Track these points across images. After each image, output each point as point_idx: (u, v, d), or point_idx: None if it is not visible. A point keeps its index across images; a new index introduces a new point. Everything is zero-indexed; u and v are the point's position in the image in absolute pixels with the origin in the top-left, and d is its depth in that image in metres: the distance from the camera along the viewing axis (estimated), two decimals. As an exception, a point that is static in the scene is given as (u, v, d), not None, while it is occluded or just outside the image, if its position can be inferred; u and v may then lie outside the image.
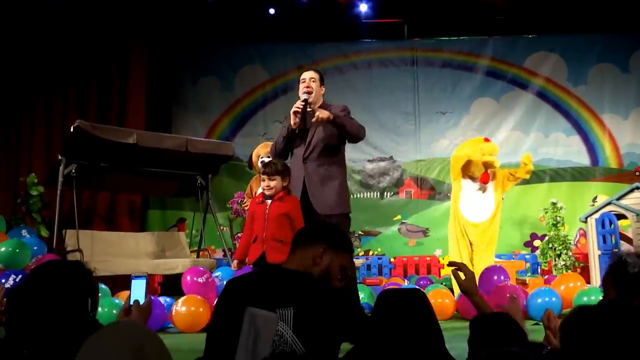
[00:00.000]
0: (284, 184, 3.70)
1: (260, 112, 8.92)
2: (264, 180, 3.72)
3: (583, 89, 8.61)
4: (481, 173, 5.66)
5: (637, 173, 8.26)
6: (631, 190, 6.20)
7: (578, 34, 8.51)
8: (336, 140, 3.94)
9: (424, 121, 8.66)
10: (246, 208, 5.91)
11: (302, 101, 3.85)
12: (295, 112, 3.83)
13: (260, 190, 3.83)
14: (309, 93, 3.91)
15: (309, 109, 3.85)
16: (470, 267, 5.70)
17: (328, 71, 8.86)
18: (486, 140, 5.95)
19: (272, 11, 8.33)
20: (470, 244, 5.55)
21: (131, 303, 1.96)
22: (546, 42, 8.68)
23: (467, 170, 5.66)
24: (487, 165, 5.62)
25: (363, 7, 8.31)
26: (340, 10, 8.31)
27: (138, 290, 2.02)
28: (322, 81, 4.11)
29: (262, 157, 5.84)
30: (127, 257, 5.91)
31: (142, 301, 1.97)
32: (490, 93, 8.73)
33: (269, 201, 3.66)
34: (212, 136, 8.56)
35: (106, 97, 7.89)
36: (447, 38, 8.82)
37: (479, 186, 5.68)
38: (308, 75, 4.06)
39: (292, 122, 3.83)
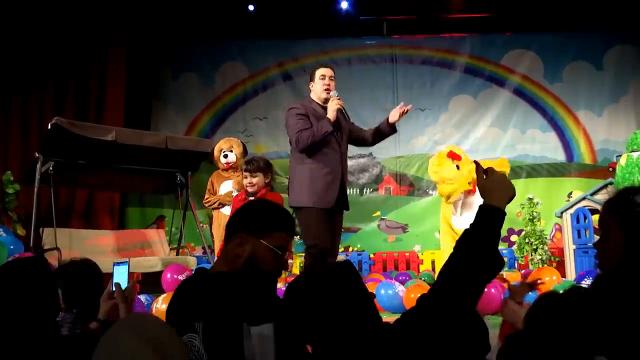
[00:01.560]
0: (266, 180, 3.72)
1: (240, 109, 8.91)
2: (246, 177, 3.74)
3: (559, 87, 8.76)
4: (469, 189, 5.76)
5: (611, 169, 8.42)
6: (605, 186, 6.33)
7: (554, 32, 8.65)
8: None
9: (403, 118, 8.69)
10: (207, 204, 5.89)
11: (338, 97, 3.97)
12: (341, 110, 4.02)
13: (222, 188, 3.82)
14: (330, 90, 4.04)
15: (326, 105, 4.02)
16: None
17: (308, 68, 8.90)
18: (453, 155, 5.89)
19: (251, 7, 8.31)
20: None
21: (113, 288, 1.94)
22: (523, 40, 8.80)
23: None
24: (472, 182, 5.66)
25: (344, 5, 8.34)
26: (321, 7, 8.32)
27: (120, 277, 2.03)
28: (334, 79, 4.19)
29: (224, 151, 5.86)
30: (105, 255, 5.86)
31: (124, 287, 1.97)
32: (469, 90, 8.84)
33: (252, 198, 3.65)
34: (192, 133, 8.53)
35: (84, 93, 7.80)
36: (426, 36, 8.89)
37: (467, 198, 5.81)
38: (328, 72, 4.10)
39: (332, 117, 3.91)
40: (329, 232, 3.83)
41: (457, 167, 5.77)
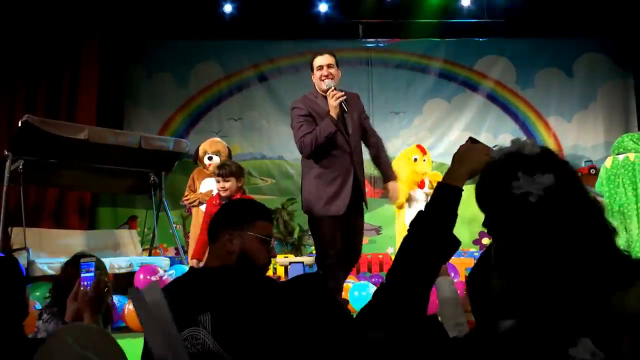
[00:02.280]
0: (239, 184, 3.72)
1: (214, 110, 8.86)
2: (218, 182, 3.74)
3: (530, 92, 8.93)
4: (418, 181, 6.28)
5: (579, 174, 8.59)
6: (574, 190, 6.47)
7: (526, 38, 8.81)
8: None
9: (378, 121, 8.77)
10: (187, 202, 5.83)
11: (337, 89, 3.54)
12: (341, 103, 3.52)
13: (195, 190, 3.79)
14: (332, 80, 3.62)
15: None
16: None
17: (283, 69, 8.91)
18: (421, 148, 6.57)
19: (227, 8, 8.27)
20: None
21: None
22: (496, 46, 8.94)
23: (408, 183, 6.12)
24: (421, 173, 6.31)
25: (323, 7, 8.37)
26: (297, 8, 8.33)
27: (87, 275, 1.99)
28: (337, 64, 3.76)
29: (208, 154, 5.80)
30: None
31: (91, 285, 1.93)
32: (443, 94, 8.94)
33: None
34: (166, 132, 8.44)
35: (55, 93, 7.67)
36: (401, 40, 8.96)
37: (420, 193, 6.10)
38: (325, 61, 3.67)
39: (335, 116, 3.51)
40: (341, 239, 3.57)
41: (416, 159, 6.40)
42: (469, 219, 8.55)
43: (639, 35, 8.49)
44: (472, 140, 1.57)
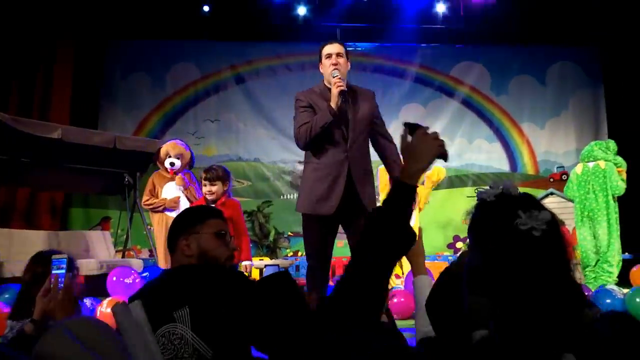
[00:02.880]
0: (225, 188, 3.72)
1: (191, 111, 8.81)
2: (205, 186, 3.74)
3: (505, 99, 9.07)
4: None
5: (551, 179, 8.77)
6: (546, 196, 6.57)
7: (500, 45, 8.94)
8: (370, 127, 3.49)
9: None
10: (148, 206, 5.73)
11: (339, 78, 3.26)
12: (342, 92, 3.25)
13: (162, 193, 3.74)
14: (338, 70, 3.33)
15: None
16: (400, 271, 5.99)
17: (261, 72, 8.90)
18: None
19: (206, 8, 8.24)
20: None
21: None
22: (471, 52, 9.06)
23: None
24: None
25: (301, 10, 8.38)
26: (276, 11, 8.33)
27: (59, 272, 1.97)
28: (347, 54, 3.47)
29: (171, 158, 5.74)
30: (47, 256, 5.65)
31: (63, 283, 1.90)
32: (419, 99, 9.03)
33: (213, 206, 3.66)
34: (141, 133, 8.37)
35: (28, 92, 7.53)
36: (378, 44, 9.03)
37: None
38: (334, 49, 3.39)
39: (335, 106, 3.23)
40: (328, 242, 3.38)
41: None
42: (444, 224, 8.74)
43: (609, 47, 8.68)
44: (409, 126, 1.53)
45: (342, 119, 3.32)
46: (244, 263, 4.11)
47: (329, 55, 3.38)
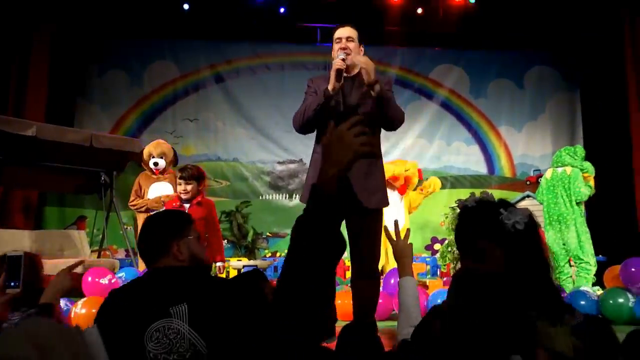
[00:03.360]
0: (200, 187, 3.72)
1: (169, 109, 8.73)
2: (180, 184, 3.75)
3: (483, 102, 9.16)
4: (400, 185, 6.42)
5: (528, 182, 8.88)
6: (523, 198, 6.67)
7: (479, 49, 9.02)
8: (376, 117, 3.13)
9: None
10: (133, 207, 5.68)
11: (342, 59, 3.05)
12: (338, 71, 3.00)
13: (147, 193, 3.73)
14: (347, 54, 3.11)
15: (345, 74, 3.10)
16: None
17: (241, 71, 8.86)
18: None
19: (186, 6, 8.17)
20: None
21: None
22: (451, 55, 9.13)
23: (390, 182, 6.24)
24: (407, 179, 6.40)
25: (281, 10, 8.36)
26: (256, 10, 8.30)
27: (14, 270, 1.95)
28: (360, 39, 3.29)
29: (154, 158, 5.71)
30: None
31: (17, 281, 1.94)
32: (398, 101, 8.81)
33: (187, 205, 3.71)
34: (118, 131, 8.27)
35: (2, 87, 7.36)
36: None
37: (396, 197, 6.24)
38: (345, 32, 3.23)
39: (331, 86, 3.00)
40: None
41: None
42: (422, 225, 8.79)
43: (585, 52, 8.81)
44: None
45: (343, 107, 3.10)
46: (218, 264, 4.10)
47: (339, 40, 3.21)
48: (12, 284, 1.97)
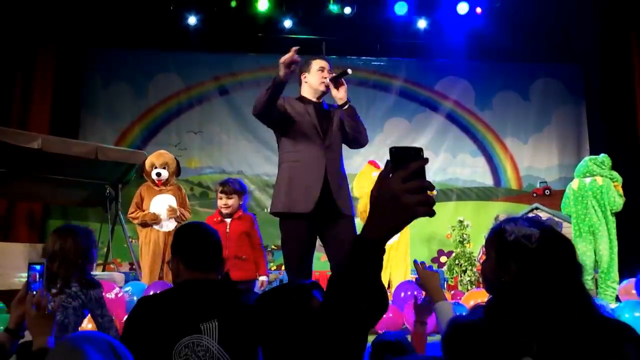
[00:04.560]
0: (240, 202, 3.72)
1: (174, 122, 8.70)
2: (221, 199, 3.77)
3: (488, 114, 9.12)
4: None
5: (535, 194, 8.81)
6: (531, 210, 6.60)
7: (485, 61, 9.01)
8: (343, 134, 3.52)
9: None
10: (133, 220, 5.55)
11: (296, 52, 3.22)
12: (285, 62, 3.20)
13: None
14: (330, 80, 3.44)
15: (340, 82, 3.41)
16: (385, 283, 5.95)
17: (245, 83, 8.84)
18: (374, 164, 6.54)
19: (192, 20, 8.17)
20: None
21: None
22: (456, 67, 9.11)
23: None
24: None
25: (287, 23, 8.37)
26: (261, 23, 8.30)
27: (31, 280, 1.90)
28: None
29: (157, 168, 5.61)
30: (24, 270, 5.49)
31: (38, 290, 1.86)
32: (403, 113, 9.03)
33: (229, 220, 3.73)
34: (123, 144, 8.23)
35: (6, 102, 7.34)
36: (363, 57, 9.03)
37: None
38: (326, 64, 3.56)
39: (281, 73, 3.23)
40: (308, 250, 3.31)
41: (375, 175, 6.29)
42: (428, 237, 8.70)
43: (592, 65, 8.80)
44: (398, 157, 1.07)
45: (323, 117, 3.42)
46: (261, 278, 4.05)
47: (322, 69, 3.52)
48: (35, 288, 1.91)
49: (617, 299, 5.21)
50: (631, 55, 7.58)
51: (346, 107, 3.39)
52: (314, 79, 3.52)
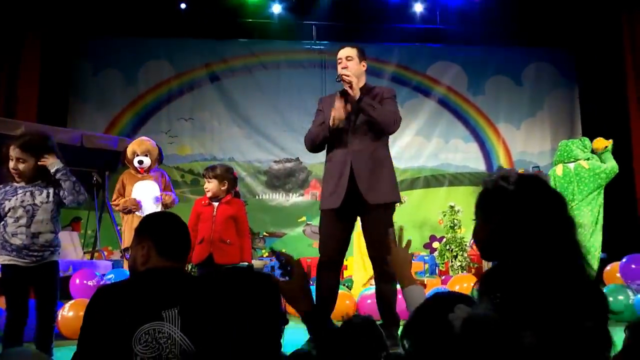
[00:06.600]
0: (222, 187, 3.72)
1: (164, 109, 8.65)
2: (205, 183, 3.80)
3: (481, 99, 9.07)
4: None
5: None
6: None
7: (477, 46, 8.93)
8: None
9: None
10: (115, 207, 5.51)
11: (341, 94, 3.38)
12: (337, 110, 3.33)
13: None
14: (347, 75, 3.41)
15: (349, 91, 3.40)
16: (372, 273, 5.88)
17: (236, 70, 8.77)
18: None
19: (183, 6, 8.09)
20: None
21: None
22: (448, 52, 9.04)
23: None
24: None
25: (276, 8, 8.29)
26: (251, 9, 8.23)
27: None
28: (362, 56, 3.60)
29: (138, 156, 5.53)
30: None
31: None
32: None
33: (216, 203, 3.73)
34: (113, 131, 8.17)
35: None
36: (354, 43, 8.93)
37: None
38: (344, 53, 3.56)
39: (332, 122, 3.34)
40: (339, 239, 3.45)
41: None
42: (420, 223, 8.64)
43: (583, 48, 8.73)
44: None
45: (347, 121, 3.42)
46: (244, 264, 4.05)
47: (340, 60, 3.54)
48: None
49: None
50: (622, 37, 7.51)
51: (361, 103, 3.39)
52: (338, 71, 3.54)
